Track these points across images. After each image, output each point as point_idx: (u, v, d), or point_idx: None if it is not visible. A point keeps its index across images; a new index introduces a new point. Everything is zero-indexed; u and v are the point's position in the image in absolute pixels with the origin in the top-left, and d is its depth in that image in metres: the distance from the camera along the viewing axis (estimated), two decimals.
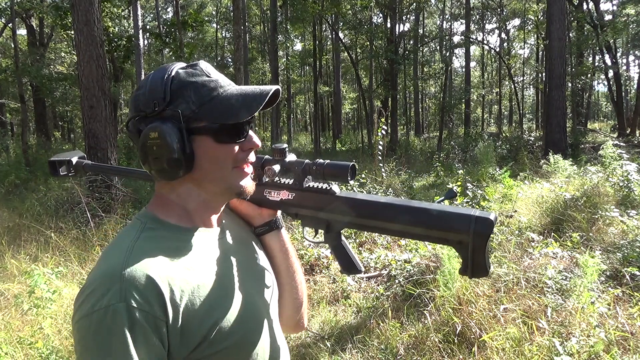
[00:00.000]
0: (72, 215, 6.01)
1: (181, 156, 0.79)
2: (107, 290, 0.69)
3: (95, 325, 0.68)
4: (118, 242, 0.80)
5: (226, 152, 0.83)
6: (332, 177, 0.93)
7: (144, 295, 0.70)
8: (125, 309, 0.68)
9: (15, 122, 23.54)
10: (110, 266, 0.73)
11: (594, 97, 40.50)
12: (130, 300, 0.69)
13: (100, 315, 0.68)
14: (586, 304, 2.99)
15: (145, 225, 0.82)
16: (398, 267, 4.21)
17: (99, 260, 0.78)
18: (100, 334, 0.68)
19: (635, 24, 20.09)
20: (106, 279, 0.71)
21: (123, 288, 0.69)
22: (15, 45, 14.29)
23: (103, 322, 0.68)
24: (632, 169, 5.96)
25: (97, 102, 6.75)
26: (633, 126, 18.42)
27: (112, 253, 0.77)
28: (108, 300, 0.68)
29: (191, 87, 0.80)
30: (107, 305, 0.68)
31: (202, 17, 17.34)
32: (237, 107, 0.79)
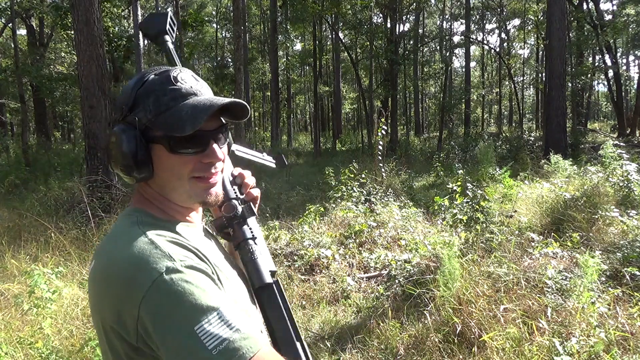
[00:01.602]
0: (73, 215, 6.01)
1: (132, 162, 0.80)
2: (157, 261, 0.71)
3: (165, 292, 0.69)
4: (125, 233, 0.80)
5: (181, 162, 0.82)
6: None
7: (185, 254, 0.75)
8: (181, 266, 0.72)
9: (15, 122, 23.53)
10: (141, 247, 0.74)
11: (594, 97, 40.48)
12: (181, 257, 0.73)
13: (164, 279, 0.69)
14: (586, 304, 2.99)
15: (138, 218, 0.83)
16: (398, 267, 4.21)
17: (115, 253, 0.76)
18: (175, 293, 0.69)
19: (635, 24, 20.10)
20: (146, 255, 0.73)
21: (169, 253, 0.73)
22: (15, 45, 14.30)
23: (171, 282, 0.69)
24: (632, 169, 5.96)
25: (97, 102, 6.75)
26: (633, 126, 18.41)
27: (129, 241, 0.76)
28: (164, 266, 0.71)
29: (153, 95, 0.81)
30: (166, 268, 0.70)
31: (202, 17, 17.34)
32: (184, 119, 0.78)
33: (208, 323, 0.67)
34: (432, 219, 5.98)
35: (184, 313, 0.68)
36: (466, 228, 4.68)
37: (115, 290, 0.72)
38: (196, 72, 12.91)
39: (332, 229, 5.57)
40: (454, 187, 5.07)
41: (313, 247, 4.79)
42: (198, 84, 0.85)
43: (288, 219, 6.19)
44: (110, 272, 0.74)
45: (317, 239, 5.02)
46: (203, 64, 34.59)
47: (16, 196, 8.52)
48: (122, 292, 0.71)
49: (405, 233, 5.30)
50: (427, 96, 37.28)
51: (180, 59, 1.08)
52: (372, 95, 20.21)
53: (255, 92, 31.95)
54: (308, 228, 5.50)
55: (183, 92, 0.81)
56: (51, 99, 18.96)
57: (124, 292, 0.71)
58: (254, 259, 0.84)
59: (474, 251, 4.09)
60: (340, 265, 4.54)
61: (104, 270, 0.76)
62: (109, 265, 0.76)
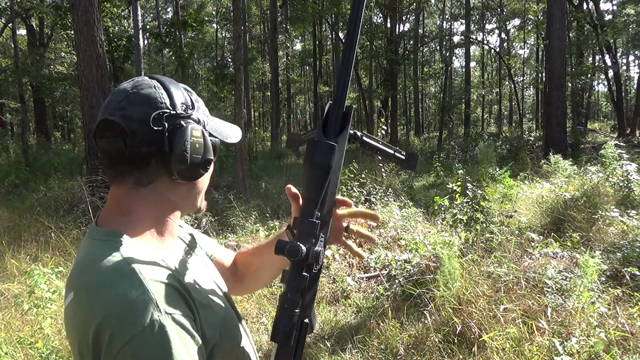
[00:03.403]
0: (74, 216, 6.01)
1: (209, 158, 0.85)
2: (144, 308, 0.67)
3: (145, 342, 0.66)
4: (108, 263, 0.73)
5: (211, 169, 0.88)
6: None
7: (176, 301, 0.71)
8: (168, 320, 0.68)
9: (15, 122, 23.52)
10: (128, 288, 0.69)
11: (594, 97, 40.48)
12: (169, 309, 0.69)
13: (148, 332, 0.66)
14: (586, 304, 2.99)
15: (125, 246, 0.76)
16: (398, 267, 4.21)
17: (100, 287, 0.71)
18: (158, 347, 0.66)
19: (635, 24, 20.07)
20: (133, 299, 0.68)
21: (158, 302, 0.68)
22: (15, 45, 14.31)
23: (154, 336, 0.66)
24: (632, 169, 5.96)
25: (97, 102, 6.75)
26: (633, 126, 18.41)
27: (114, 276, 0.71)
28: (150, 317, 0.67)
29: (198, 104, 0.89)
30: (150, 321, 0.67)
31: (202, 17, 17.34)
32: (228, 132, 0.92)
33: None
34: (432, 219, 5.98)
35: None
36: (466, 228, 4.68)
37: (95, 333, 0.68)
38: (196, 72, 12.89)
39: None
40: (454, 187, 5.06)
41: None
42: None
43: (288, 219, 6.18)
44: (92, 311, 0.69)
45: None
46: (203, 64, 34.59)
47: (16, 196, 8.52)
48: (101, 336, 0.67)
49: (405, 233, 5.30)
50: (427, 96, 37.29)
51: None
52: (372, 95, 20.22)
53: (255, 92, 31.95)
54: None
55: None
56: (51, 99, 18.96)
57: (104, 337, 0.67)
58: (291, 316, 0.74)
59: (474, 251, 4.09)
60: (340, 265, 4.54)
61: (86, 306, 0.71)
62: (90, 303, 0.71)
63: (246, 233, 5.88)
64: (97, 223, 0.82)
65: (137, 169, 0.78)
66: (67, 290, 0.76)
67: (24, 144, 12.94)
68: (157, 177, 0.80)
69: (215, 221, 6.07)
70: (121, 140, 0.76)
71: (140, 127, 0.76)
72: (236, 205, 6.61)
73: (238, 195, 7.87)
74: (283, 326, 0.73)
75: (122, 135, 0.76)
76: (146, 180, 0.79)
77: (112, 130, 0.76)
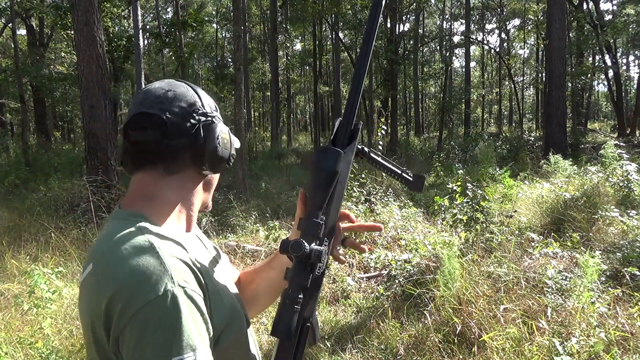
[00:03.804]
0: (73, 215, 6.01)
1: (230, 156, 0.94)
2: (159, 279, 0.70)
3: (156, 312, 0.68)
4: (128, 238, 0.77)
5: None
6: None
7: (188, 276, 0.74)
8: (182, 291, 0.71)
9: (15, 122, 23.53)
10: (146, 259, 0.73)
11: (594, 97, 40.48)
12: (181, 282, 0.72)
13: (160, 301, 0.69)
14: (586, 304, 2.99)
15: (143, 224, 0.80)
16: (398, 267, 4.21)
17: (118, 258, 0.74)
18: (167, 318, 0.69)
19: (635, 24, 20.08)
20: (150, 269, 0.71)
21: (172, 274, 0.71)
22: (15, 45, 14.31)
23: (165, 306, 0.69)
24: (632, 169, 5.96)
25: (97, 102, 6.75)
26: (633, 126, 18.41)
27: (134, 249, 0.74)
28: (163, 288, 0.70)
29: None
30: (163, 291, 0.69)
31: (202, 17, 17.34)
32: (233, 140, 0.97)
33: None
34: (432, 219, 5.98)
35: (163, 344, 0.67)
36: (466, 228, 4.68)
37: (109, 300, 0.71)
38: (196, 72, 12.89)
39: None
40: (454, 187, 5.06)
41: None
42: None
43: (288, 219, 6.19)
44: (114, 274, 0.73)
45: None
46: (203, 64, 34.58)
47: (16, 196, 8.52)
48: (114, 304, 0.70)
49: (405, 233, 5.30)
50: (427, 96, 37.29)
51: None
52: (372, 95, 20.21)
53: (255, 92, 31.96)
54: None
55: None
56: (51, 99, 18.96)
57: (118, 304, 0.70)
58: (292, 310, 0.76)
59: (474, 251, 4.09)
60: (340, 265, 4.54)
61: (108, 271, 0.74)
62: (107, 272, 0.74)
63: (246, 233, 5.88)
64: (120, 207, 0.87)
65: (169, 158, 0.84)
66: (87, 263, 0.81)
67: (24, 144, 12.94)
68: (185, 167, 0.86)
69: (215, 221, 6.07)
70: (159, 131, 0.82)
71: (177, 120, 0.84)
72: (236, 205, 6.61)
73: (238, 195, 7.87)
74: (284, 321, 0.75)
75: (161, 126, 0.82)
76: (175, 169, 0.85)
77: (150, 122, 0.83)
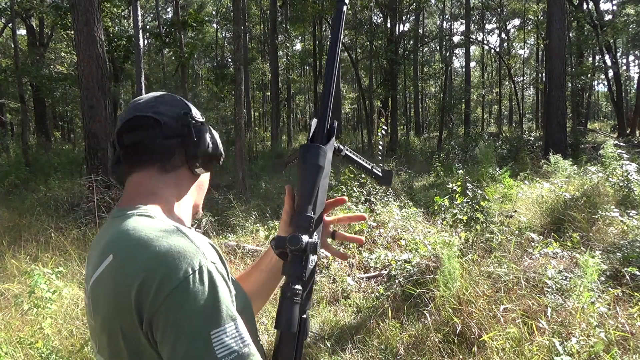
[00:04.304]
0: (74, 216, 6.01)
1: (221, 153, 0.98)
2: (193, 256, 0.72)
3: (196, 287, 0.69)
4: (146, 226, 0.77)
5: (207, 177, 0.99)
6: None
7: (214, 256, 0.76)
8: (214, 268, 0.73)
9: (15, 122, 23.51)
10: (174, 239, 0.73)
11: (594, 97, 40.48)
12: (211, 259, 0.74)
13: (197, 277, 0.70)
14: (586, 304, 2.99)
15: (156, 215, 0.83)
16: (398, 267, 4.21)
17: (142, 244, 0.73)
18: (207, 292, 0.69)
19: (635, 24, 20.08)
20: (180, 248, 0.72)
21: (203, 253, 0.73)
22: (15, 45, 14.29)
23: (201, 281, 0.70)
24: (632, 169, 5.96)
25: (97, 102, 6.75)
26: (633, 126, 18.41)
27: (157, 233, 0.75)
28: (197, 263, 0.71)
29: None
30: (199, 266, 0.71)
31: (202, 17, 17.32)
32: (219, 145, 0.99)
33: (224, 332, 0.68)
34: (432, 219, 5.98)
35: (205, 316, 0.68)
36: (466, 228, 4.68)
37: (141, 284, 0.69)
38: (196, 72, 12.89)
39: None
40: (454, 187, 5.06)
41: None
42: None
43: None
44: (139, 264, 0.71)
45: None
46: (203, 64, 34.58)
47: (16, 196, 8.52)
48: (149, 285, 0.68)
49: (405, 233, 5.30)
50: (427, 96, 37.27)
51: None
52: (372, 95, 20.22)
53: (255, 92, 31.94)
54: None
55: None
56: (51, 99, 18.95)
57: (153, 285, 0.68)
58: (294, 303, 0.78)
59: (474, 251, 4.09)
60: (340, 265, 4.54)
61: (130, 261, 0.72)
62: (135, 257, 0.72)
63: (246, 233, 5.88)
64: (119, 206, 0.88)
65: (163, 158, 0.88)
66: (102, 256, 0.77)
67: (24, 144, 12.93)
68: (179, 166, 0.90)
69: (215, 221, 6.07)
70: (153, 130, 0.87)
71: (171, 121, 0.89)
72: (236, 205, 6.61)
73: (238, 195, 7.87)
74: (287, 314, 0.77)
75: (155, 126, 0.87)
76: (170, 168, 0.89)
77: (144, 123, 0.88)
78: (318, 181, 0.86)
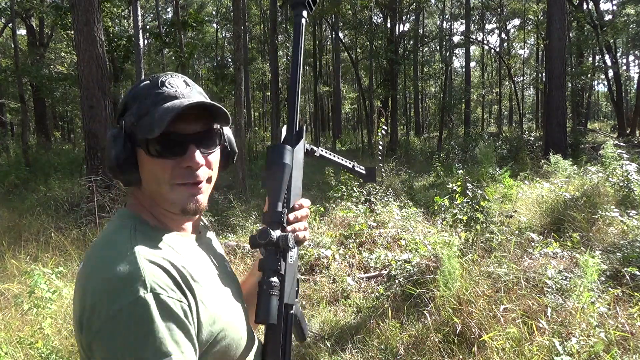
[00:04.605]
0: (76, 216, 6.01)
1: (116, 166, 0.81)
2: (132, 286, 0.69)
3: (126, 318, 0.68)
4: (114, 243, 0.78)
5: (160, 167, 0.80)
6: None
7: (166, 282, 0.72)
8: (153, 298, 0.69)
9: (15, 122, 23.52)
10: (124, 265, 0.72)
11: (594, 97, 40.47)
12: (155, 288, 0.70)
13: (130, 308, 0.68)
14: (586, 304, 2.99)
15: (134, 226, 0.81)
16: (398, 267, 4.21)
17: (98, 264, 0.76)
18: (136, 325, 0.68)
19: (635, 24, 20.09)
20: (127, 276, 0.71)
21: (146, 280, 0.70)
22: (15, 45, 14.29)
23: (135, 313, 0.68)
24: (632, 169, 5.96)
25: (97, 102, 6.75)
26: (633, 126, 18.40)
27: (118, 253, 0.75)
28: (135, 294, 0.69)
29: (138, 100, 0.81)
30: (134, 298, 0.68)
31: (202, 17, 17.34)
32: (154, 122, 0.77)
33: None
34: (432, 219, 5.98)
35: (134, 349, 0.67)
36: (466, 228, 4.68)
37: (83, 308, 0.72)
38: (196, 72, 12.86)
39: (332, 229, 5.57)
40: (454, 187, 5.06)
41: (313, 247, 4.79)
42: (187, 88, 0.83)
43: None
44: (90, 282, 0.74)
45: (317, 239, 5.02)
46: (203, 64, 34.58)
47: (16, 196, 8.52)
48: (88, 312, 0.71)
49: (405, 233, 5.30)
50: (427, 96, 37.26)
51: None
52: (372, 95, 20.21)
53: (255, 92, 31.95)
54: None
55: (164, 96, 0.80)
56: (51, 99, 18.96)
57: (90, 312, 0.70)
58: (270, 295, 0.80)
59: (474, 251, 4.09)
60: (340, 265, 4.54)
61: (87, 277, 0.75)
62: (89, 278, 0.74)
63: (246, 233, 5.88)
64: (124, 205, 0.91)
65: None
66: (82, 259, 0.83)
67: (24, 144, 12.93)
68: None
69: (215, 221, 6.07)
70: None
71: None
72: (236, 206, 6.60)
73: (238, 195, 7.87)
74: (263, 305, 0.80)
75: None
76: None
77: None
78: (285, 178, 0.89)
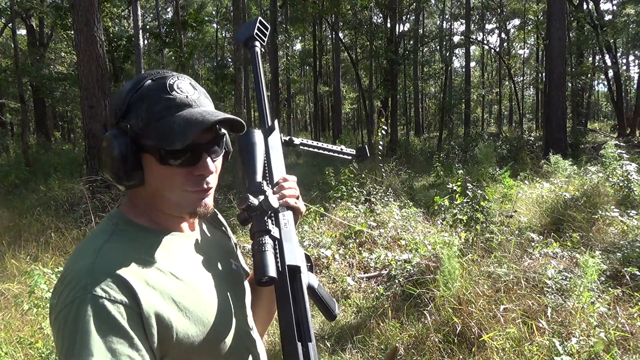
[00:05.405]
0: (73, 216, 6.01)
1: (121, 170, 0.79)
2: (75, 286, 0.72)
3: (63, 321, 0.70)
4: (90, 242, 0.81)
5: (172, 174, 0.80)
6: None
7: (110, 286, 0.71)
8: (90, 299, 0.70)
9: (15, 122, 23.52)
10: (78, 265, 0.75)
11: (594, 97, 40.48)
12: (96, 290, 0.71)
13: (67, 310, 0.70)
14: (586, 304, 2.99)
15: (116, 226, 0.82)
16: (398, 267, 4.21)
17: (70, 260, 0.79)
18: (68, 328, 0.69)
19: (635, 24, 20.11)
20: (75, 276, 0.73)
21: (89, 282, 0.71)
22: (15, 45, 14.28)
23: (69, 315, 0.69)
24: (632, 169, 5.96)
25: (97, 102, 6.75)
26: (633, 126, 18.40)
27: (82, 253, 0.78)
28: (74, 295, 0.71)
29: (146, 102, 0.78)
30: (72, 299, 0.70)
31: (202, 17, 17.32)
32: (175, 133, 0.76)
33: None
34: (432, 219, 5.98)
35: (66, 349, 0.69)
36: (466, 228, 4.68)
37: (50, 301, 0.77)
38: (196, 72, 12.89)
39: (332, 229, 5.57)
40: (454, 187, 5.06)
41: (313, 247, 4.79)
42: (195, 93, 0.82)
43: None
44: (60, 277, 0.77)
45: (317, 239, 5.02)
46: (203, 64, 34.58)
47: (16, 196, 8.52)
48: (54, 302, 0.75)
49: (405, 233, 5.30)
50: (427, 96, 37.28)
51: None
52: (372, 95, 20.20)
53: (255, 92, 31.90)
54: (308, 228, 5.51)
55: (177, 102, 0.79)
56: (51, 99, 18.95)
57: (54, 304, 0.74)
58: (262, 251, 0.79)
59: (474, 251, 4.09)
60: (340, 265, 4.54)
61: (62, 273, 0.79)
62: (63, 270, 0.78)
63: (246, 233, 5.88)
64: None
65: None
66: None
67: (24, 144, 12.92)
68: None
69: None
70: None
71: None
72: (236, 205, 6.60)
73: (238, 195, 7.87)
74: (256, 262, 0.79)
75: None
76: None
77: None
78: (255, 154, 0.93)
